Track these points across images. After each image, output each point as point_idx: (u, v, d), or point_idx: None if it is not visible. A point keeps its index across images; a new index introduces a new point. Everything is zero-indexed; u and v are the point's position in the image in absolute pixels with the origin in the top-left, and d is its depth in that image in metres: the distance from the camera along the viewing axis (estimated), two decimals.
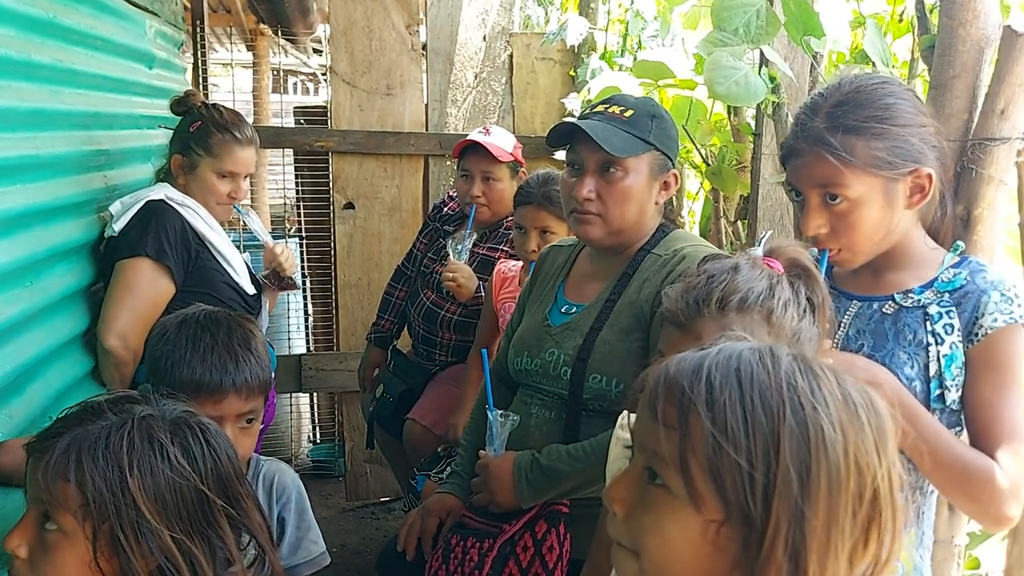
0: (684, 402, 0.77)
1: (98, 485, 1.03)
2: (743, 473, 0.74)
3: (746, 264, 1.20)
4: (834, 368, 0.81)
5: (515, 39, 3.90)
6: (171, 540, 1.05)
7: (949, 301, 1.31)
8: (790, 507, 0.73)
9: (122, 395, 1.15)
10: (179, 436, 1.10)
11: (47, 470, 1.04)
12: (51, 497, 1.04)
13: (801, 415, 0.75)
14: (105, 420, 1.08)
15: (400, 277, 3.16)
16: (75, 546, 1.04)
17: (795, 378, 0.77)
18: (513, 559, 1.67)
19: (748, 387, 0.76)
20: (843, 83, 1.33)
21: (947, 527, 1.50)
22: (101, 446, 1.05)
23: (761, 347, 0.81)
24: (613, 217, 1.77)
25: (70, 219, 2.13)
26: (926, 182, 1.31)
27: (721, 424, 0.75)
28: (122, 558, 1.03)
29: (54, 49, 2.06)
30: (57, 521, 1.04)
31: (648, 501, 0.80)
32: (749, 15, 2.04)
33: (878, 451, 0.77)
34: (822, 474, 0.74)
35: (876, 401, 0.80)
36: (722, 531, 0.76)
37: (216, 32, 6.82)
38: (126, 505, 1.03)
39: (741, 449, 0.74)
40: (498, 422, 1.81)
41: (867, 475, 0.75)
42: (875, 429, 0.78)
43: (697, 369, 0.79)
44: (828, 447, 0.74)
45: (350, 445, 3.93)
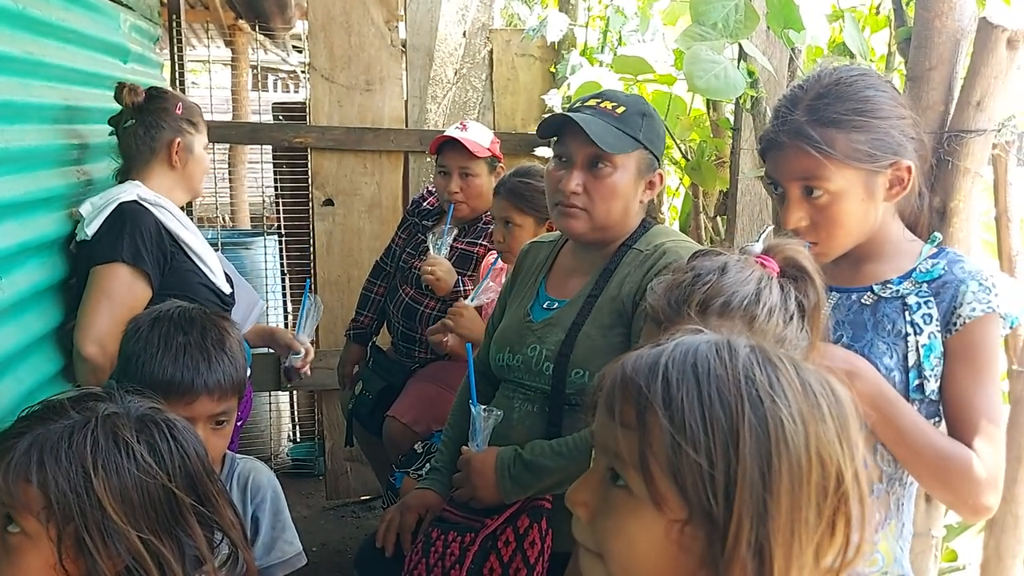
0: (641, 401, 0.76)
1: (61, 486, 1.00)
2: (703, 471, 0.73)
3: (736, 264, 1.16)
4: (793, 358, 0.80)
5: (495, 35, 3.89)
6: (139, 540, 1.02)
7: (927, 291, 1.31)
8: (752, 503, 0.72)
9: (85, 393, 1.12)
10: (145, 434, 1.08)
11: (8, 471, 1.01)
12: (12, 500, 1.01)
13: (760, 409, 0.74)
14: (68, 419, 1.05)
15: (379, 273, 3.14)
16: (39, 548, 1.01)
17: (753, 371, 0.76)
18: (495, 553, 1.66)
19: (705, 383, 0.75)
20: (823, 75, 1.33)
21: (925, 519, 1.50)
22: (64, 446, 1.02)
23: (719, 340, 0.79)
24: (599, 213, 1.77)
25: (42, 213, 2.09)
26: (905, 174, 1.31)
27: (679, 422, 0.74)
28: (88, 560, 1.01)
29: (24, 41, 2.02)
30: (19, 524, 1.01)
31: (611, 503, 0.79)
32: (728, 9, 2.04)
33: (840, 440, 0.76)
34: (783, 468, 0.73)
35: (837, 389, 0.79)
36: (686, 530, 0.75)
37: (194, 28, 6.75)
38: (91, 506, 1.01)
39: (700, 447, 0.73)
40: (481, 417, 1.79)
41: (830, 465, 0.74)
42: (836, 418, 0.77)
43: (653, 367, 0.77)
44: (788, 440, 0.73)
45: (330, 443, 3.90)
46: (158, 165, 2.31)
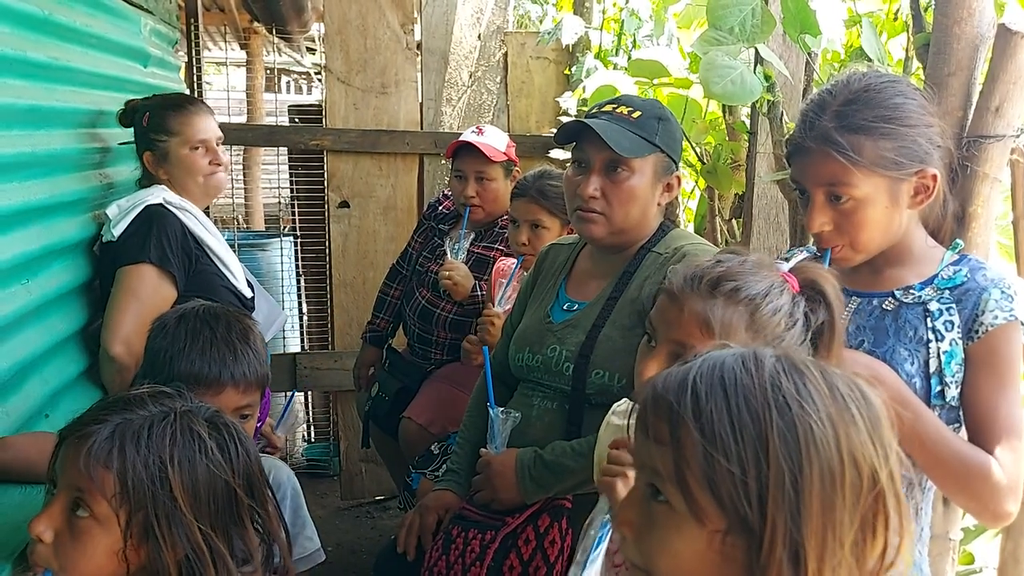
0: (673, 417, 0.78)
1: (139, 474, 1.04)
2: (736, 479, 0.74)
3: (759, 264, 1.21)
4: (819, 363, 0.81)
5: (510, 38, 3.91)
6: (200, 533, 1.06)
7: (949, 298, 1.32)
8: (785, 507, 0.73)
9: (160, 390, 1.16)
10: (216, 433, 1.12)
11: (88, 457, 1.04)
12: (89, 484, 1.04)
13: (788, 415, 0.75)
14: (147, 411, 1.09)
15: (395, 276, 3.16)
16: (107, 533, 1.05)
17: (779, 379, 0.77)
18: (515, 551, 1.68)
19: (733, 394, 0.77)
20: (852, 81, 1.34)
21: (942, 522, 1.51)
22: (145, 436, 1.06)
23: (744, 352, 0.81)
24: (617, 216, 1.79)
25: (67, 217, 2.13)
26: (931, 182, 1.32)
27: (710, 434, 0.75)
28: (152, 547, 1.05)
29: (50, 47, 2.05)
30: (90, 507, 1.05)
31: (653, 519, 0.80)
32: (744, 14, 2.05)
33: (873, 441, 0.77)
34: (814, 472, 0.74)
35: (866, 391, 0.80)
36: (727, 540, 0.76)
37: (210, 31, 6.82)
38: (164, 495, 1.05)
39: (732, 456, 0.75)
40: (500, 419, 1.81)
41: (863, 466, 0.75)
42: (867, 419, 0.78)
43: (683, 382, 0.79)
44: (818, 444, 0.74)
45: (345, 444, 3.92)
46: (156, 178, 2.33)
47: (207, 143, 2.33)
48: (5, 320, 1.74)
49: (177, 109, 2.31)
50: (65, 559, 1.05)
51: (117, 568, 1.06)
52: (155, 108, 2.32)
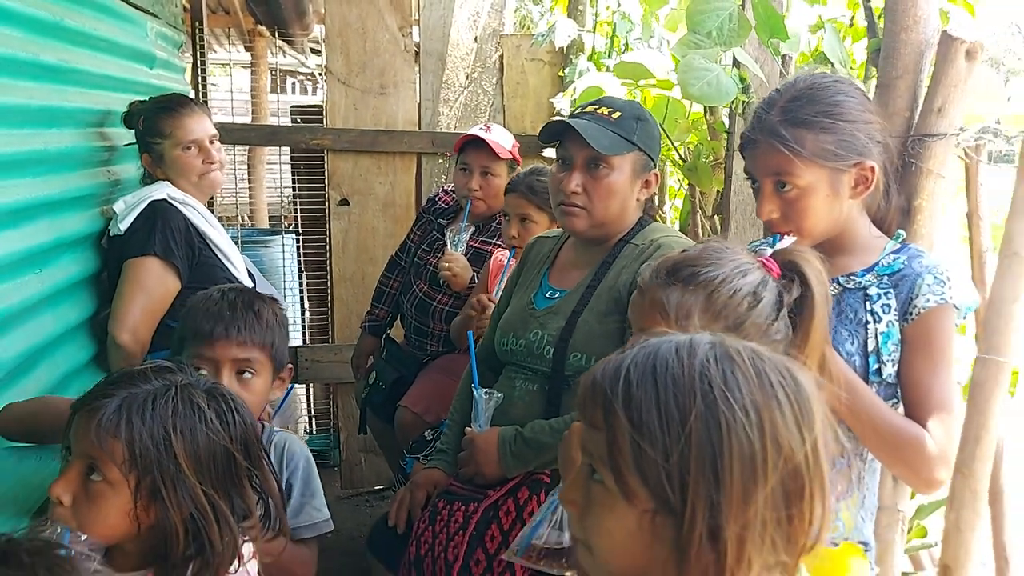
0: (606, 404, 0.82)
1: (145, 442, 1.14)
2: (660, 465, 0.78)
3: (721, 250, 1.28)
4: (757, 350, 0.84)
5: (505, 40, 4.01)
6: (202, 493, 1.16)
7: (887, 283, 1.42)
8: (704, 492, 0.77)
9: (161, 365, 1.25)
10: (214, 403, 1.22)
11: (99, 427, 1.14)
12: (100, 452, 1.14)
13: (712, 403, 0.78)
14: (151, 384, 1.19)
15: (394, 267, 3.25)
16: (118, 496, 1.14)
17: (708, 368, 0.80)
18: (496, 522, 1.78)
19: (662, 382, 0.80)
20: (798, 81, 1.45)
21: (892, 495, 1.61)
22: (149, 408, 1.16)
23: (681, 340, 0.84)
24: (597, 210, 1.89)
25: (76, 211, 2.24)
26: (869, 174, 1.42)
27: (638, 421, 0.79)
28: (159, 507, 1.15)
29: (60, 50, 2.16)
30: (103, 473, 1.14)
31: (592, 499, 0.85)
32: (722, 19, 2.15)
33: (799, 425, 0.80)
34: (734, 457, 0.77)
35: (798, 376, 0.83)
36: (656, 519, 0.80)
37: (215, 33, 6.93)
38: (168, 461, 1.15)
39: (657, 443, 0.78)
40: (483, 399, 1.92)
41: (786, 450, 0.79)
42: (795, 404, 0.81)
43: (617, 370, 0.83)
44: (737, 431, 0.77)
45: (345, 435, 4.02)
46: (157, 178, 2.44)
47: (199, 143, 2.41)
48: (20, 306, 1.86)
49: (168, 112, 2.40)
50: (82, 519, 1.15)
51: (129, 526, 1.16)
52: (149, 112, 2.42)
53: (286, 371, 1.75)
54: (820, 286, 1.23)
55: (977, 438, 1.54)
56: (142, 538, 1.18)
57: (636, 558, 0.82)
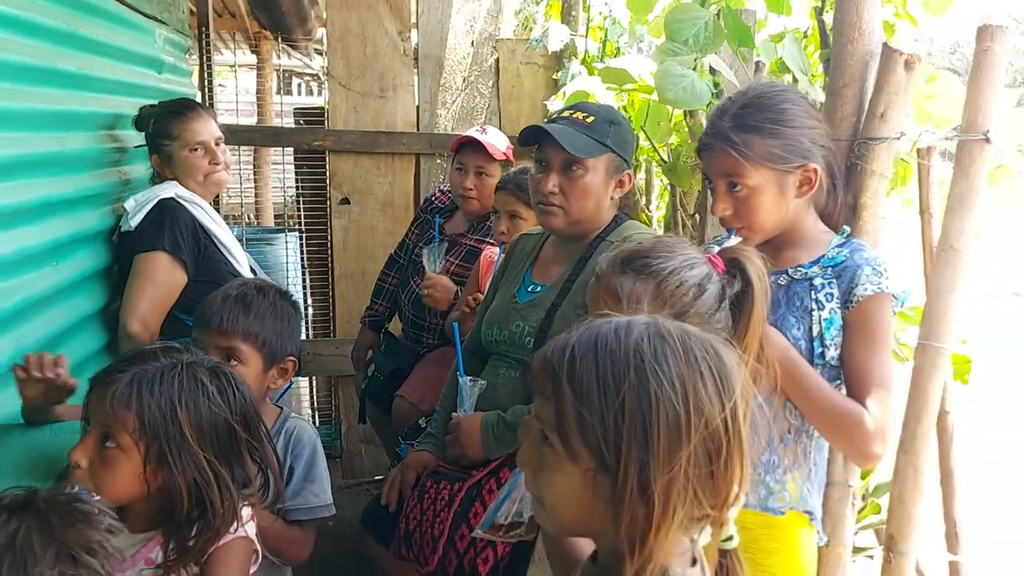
0: (554, 377, 0.93)
1: (153, 413, 1.28)
2: (598, 430, 0.89)
3: (672, 245, 1.42)
4: (686, 329, 0.96)
5: (501, 44, 4.15)
6: (205, 460, 1.30)
7: (831, 274, 1.55)
8: (635, 452, 0.88)
9: (170, 345, 1.39)
10: (216, 379, 1.35)
11: (113, 399, 1.27)
12: (114, 420, 1.28)
13: (643, 375, 0.90)
14: (159, 362, 1.32)
15: (393, 265, 3.38)
16: (130, 460, 1.28)
17: (642, 345, 0.92)
18: (479, 500, 1.92)
19: (602, 357, 0.92)
20: (749, 90, 1.59)
21: (843, 471, 1.74)
22: (157, 383, 1.30)
23: (620, 322, 0.96)
24: (573, 209, 2.02)
25: (90, 209, 2.38)
26: (813, 175, 1.55)
27: (580, 391, 0.91)
28: (166, 472, 1.29)
29: (76, 58, 2.30)
30: (116, 440, 1.28)
31: (543, 460, 0.96)
32: (698, 27, 2.28)
33: (720, 394, 0.91)
34: (660, 423, 0.88)
35: (721, 352, 0.94)
36: (596, 477, 0.91)
37: (221, 36, 7.09)
38: (174, 430, 1.28)
39: (595, 411, 0.90)
40: (467, 386, 2.06)
41: (707, 415, 0.89)
42: (717, 375, 0.92)
43: (563, 347, 0.94)
44: (664, 400, 0.89)
45: (346, 426, 4.16)
46: (165, 178, 2.57)
47: (205, 144, 2.54)
48: (38, 297, 2.00)
49: (176, 115, 2.53)
50: (98, 480, 1.28)
51: (139, 488, 1.30)
52: (158, 115, 2.55)
53: (288, 363, 1.82)
54: (760, 283, 1.37)
55: (918, 418, 1.67)
56: (151, 500, 1.32)
57: (581, 511, 0.94)
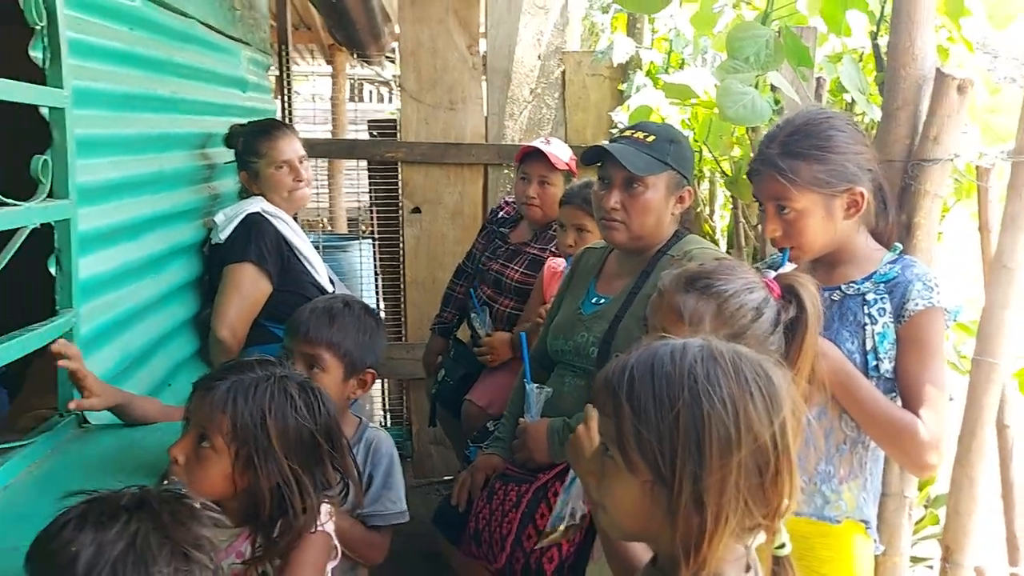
0: (615, 395, 1.00)
1: (245, 419, 1.38)
2: (655, 446, 0.96)
3: (733, 268, 1.50)
4: (738, 350, 1.02)
5: (567, 57, 4.24)
6: (288, 467, 1.40)
7: (883, 290, 1.61)
8: (689, 466, 0.94)
9: (266, 359, 1.50)
10: (304, 394, 1.45)
11: (212, 403, 1.39)
12: (211, 423, 1.39)
13: (696, 395, 0.96)
14: (255, 373, 1.43)
15: (461, 274, 3.50)
16: (221, 461, 1.39)
17: (696, 367, 0.98)
18: (544, 502, 2.02)
19: (659, 379, 0.98)
20: (796, 117, 1.66)
21: (899, 481, 1.79)
22: (251, 392, 1.40)
23: (676, 344, 1.02)
24: (634, 225, 2.11)
25: (184, 223, 2.56)
26: (859, 198, 1.61)
27: (638, 410, 0.97)
28: (252, 475, 1.39)
29: (172, 84, 2.49)
30: (211, 441, 1.39)
31: (605, 471, 1.03)
32: (759, 45, 2.34)
33: (769, 412, 0.97)
34: (712, 439, 0.94)
35: (771, 373, 1.00)
36: (654, 488, 0.97)
37: (299, 47, 7.36)
38: (262, 436, 1.38)
39: (652, 428, 0.96)
40: (534, 393, 2.17)
41: (756, 432, 0.96)
42: (766, 396, 0.98)
43: (623, 367, 1.01)
44: (716, 418, 0.95)
45: (416, 428, 4.30)
46: (252, 193, 2.74)
47: (290, 163, 2.70)
48: (140, 306, 2.18)
49: (264, 134, 2.70)
50: (192, 477, 1.39)
51: (228, 488, 1.41)
52: (247, 134, 2.73)
53: (367, 374, 1.93)
54: (813, 309, 1.43)
55: (973, 432, 1.71)
56: (238, 499, 1.42)
57: (639, 519, 1.01)
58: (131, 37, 2.17)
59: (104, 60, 1.99)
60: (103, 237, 1.95)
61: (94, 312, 1.88)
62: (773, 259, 1.86)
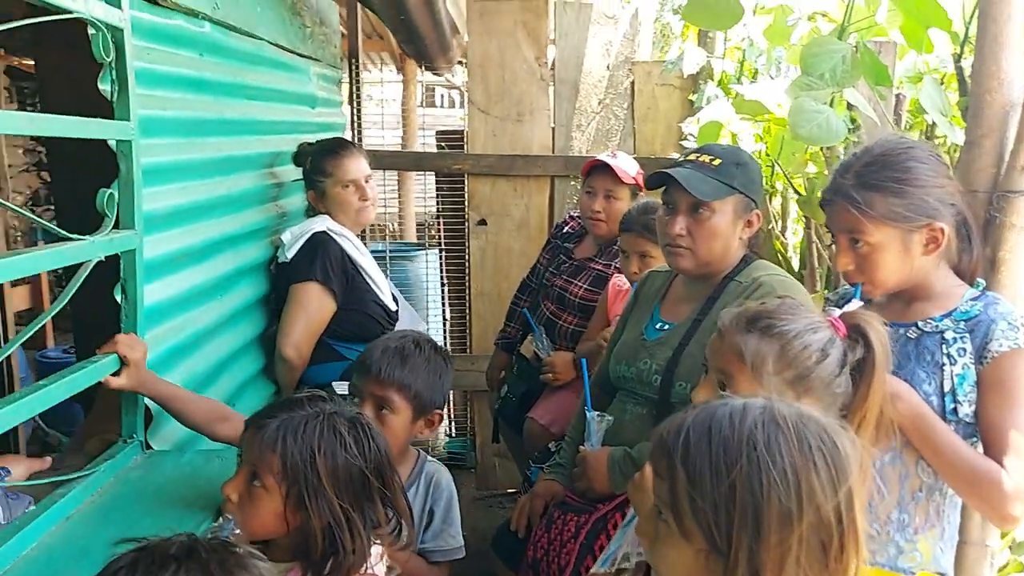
0: (669, 458, 0.97)
1: (295, 458, 1.38)
2: (710, 515, 0.92)
3: (796, 307, 1.44)
4: (802, 414, 0.97)
5: (637, 67, 4.18)
6: (339, 506, 1.39)
7: (964, 328, 1.53)
8: (747, 538, 0.91)
9: (316, 395, 1.50)
10: (354, 430, 1.44)
11: (262, 442, 1.39)
12: (261, 462, 1.39)
13: (755, 464, 0.92)
14: (304, 411, 1.43)
15: (525, 289, 3.49)
16: (272, 500, 1.39)
17: (755, 432, 0.94)
18: (604, 533, 1.98)
19: (716, 444, 0.94)
20: (874, 146, 1.58)
21: (980, 530, 1.69)
22: (300, 430, 1.40)
23: (735, 405, 0.98)
24: (701, 251, 2.05)
25: (251, 243, 2.60)
26: (939, 234, 1.53)
27: (693, 476, 0.94)
28: (303, 514, 1.38)
29: (240, 106, 2.52)
30: (262, 480, 1.39)
31: (659, 534, 1.00)
32: (835, 61, 2.26)
33: (833, 484, 0.93)
34: (772, 511, 0.90)
35: (838, 441, 0.96)
36: (709, 557, 0.94)
37: (370, 55, 7.46)
38: (312, 475, 1.38)
39: (707, 496, 0.93)
40: (595, 422, 2.13)
41: (821, 505, 0.92)
42: (831, 466, 0.94)
43: (680, 428, 0.98)
44: (774, 489, 0.91)
45: (480, 439, 4.30)
46: (319, 211, 2.77)
47: (356, 182, 2.74)
48: (206, 328, 2.21)
49: (332, 154, 2.73)
50: (244, 515, 1.40)
51: (279, 526, 1.40)
52: (315, 153, 2.76)
53: (435, 414, 1.93)
54: (882, 349, 1.37)
55: None
56: (290, 536, 1.42)
57: None
58: (200, 63, 2.20)
59: (172, 87, 2.03)
60: (169, 263, 1.98)
61: (159, 338, 1.91)
62: (845, 291, 1.78)
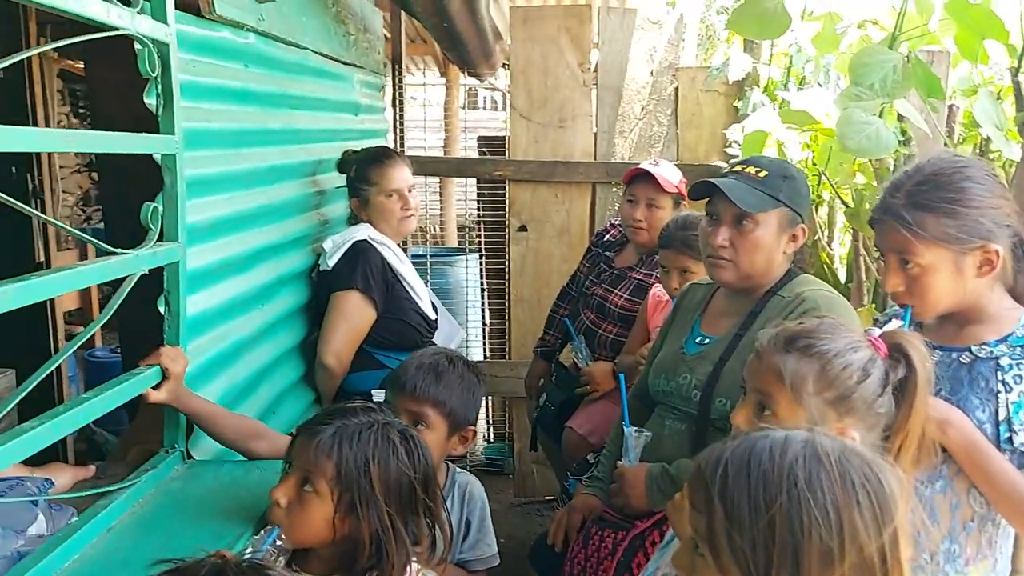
0: (707, 491, 0.94)
1: (349, 464, 1.39)
2: (747, 552, 0.90)
3: (835, 326, 1.40)
4: (846, 449, 0.94)
5: (681, 73, 4.13)
6: (387, 514, 1.40)
7: (1020, 354, 1.47)
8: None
9: (368, 405, 1.52)
10: (405, 442, 1.46)
11: (317, 448, 1.40)
12: (315, 467, 1.40)
13: (796, 501, 0.89)
14: (359, 419, 1.45)
15: (565, 297, 3.47)
16: (324, 505, 1.39)
17: (796, 467, 0.91)
18: (642, 551, 1.95)
19: (756, 478, 0.92)
20: (927, 165, 1.53)
21: None
22: (356, 438, 1.41)
23: (776, 438, 0.95)
24: (743, 263, 2.01)
25: (293, 251, 2.62)
26: (994, 257, 1.48)
27: (731, 511, 0.91)
28: (353, 520, 1.39)
29: (283, 116, 2.54)
30: (314, 485, 1.40)
31: (695, 567, 0.98)
32: (886, 71, 2.21)
33: (878, 522, 0.90)
34: (813, 550, 0.88)
35: (882, 477, 0.93)
36: None
37: (414, 59, 7.49)
38: (366, 483, 1.39)
39: (745, 533, 0.90)
40: (632, 437, 2.10)
41: (864, 545, 0.88)
42: (875, 504, 0.91)
43: (718, 461, 0.95)
44: (815, 527, 0.88)
45: (518, 446, 4.28)
46: (361, 219, 2.78)
47: (399, 192, 2.75)
48: (247, 338, 2.23)
49: (376, 163, 2.75)
50: (293, 520, 1.41)
51: (328, 533, 1.41)
52: (360, 162, 2.79)
53: (468, 431, 1.93)
54: (923, 369, 1.33)
55: None
56: (335, 545, 1.43)
57: None
58: (245, 74, 2.22)
59: (218, 99, 2.05)
60: (212, 273, 2.00)
61: (202, 348, 1.93)
62: (895, 311, 1.74)
